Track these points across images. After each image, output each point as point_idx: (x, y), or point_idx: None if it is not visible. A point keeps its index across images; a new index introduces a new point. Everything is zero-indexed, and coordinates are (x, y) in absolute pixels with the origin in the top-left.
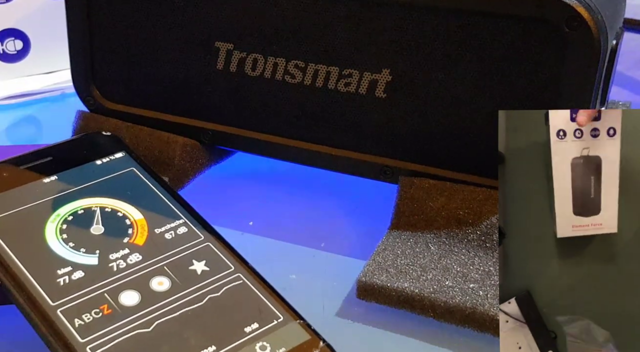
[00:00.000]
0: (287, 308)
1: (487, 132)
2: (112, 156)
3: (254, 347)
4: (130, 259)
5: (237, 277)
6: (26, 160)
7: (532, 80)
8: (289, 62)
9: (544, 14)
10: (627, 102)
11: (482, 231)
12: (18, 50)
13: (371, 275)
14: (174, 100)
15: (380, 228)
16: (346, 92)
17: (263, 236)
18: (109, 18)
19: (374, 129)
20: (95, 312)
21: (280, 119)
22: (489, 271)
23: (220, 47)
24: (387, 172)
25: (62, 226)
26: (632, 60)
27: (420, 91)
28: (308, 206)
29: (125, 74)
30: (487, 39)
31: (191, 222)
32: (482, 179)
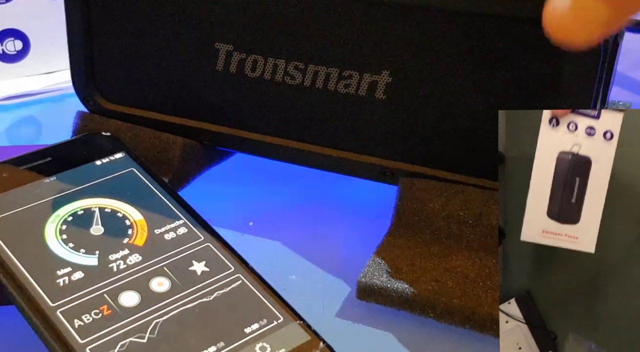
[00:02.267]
0: (287, 309)
1: (487, 133)
2: (112, 156)
3: (254, 347)
4: (130, 260)
5: (237, 277)
6: (26, 161)
7: (532, 81)
8: (289, 63)
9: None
10: (627, 102)
11: (482, 231)
12: (18, 50)
13: (371, 275)
14: (174, 101)
15: (380, 228)
16: (346, 94)
17: (263, 236)
18: (108, 18)
19: (374, 131)
20: (95, 313)
21: (280, 120)
22: (489, 271)
23: (220, 48)
24: (387, 173)
25: (62, 227)
26: (632, 60)
27: (420, 92)
28: (308, 206)
29: (125, 75)
30: (487, 40)
31: (191, 222)
32: (482, 180)
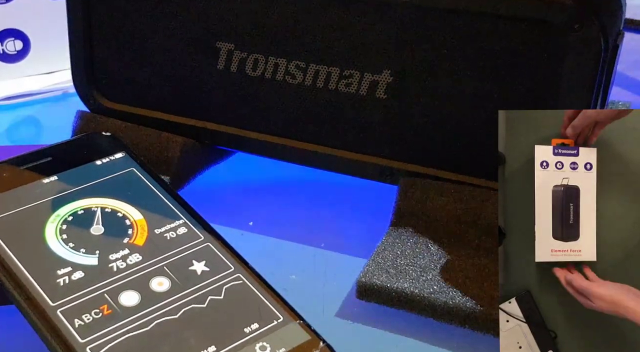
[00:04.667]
0: (287, 308)
1: (487, 133)
2: (112, 156)
3: (253, 347)
4: (130, 260)
5: (237, 277)
6: (26, 161)
7: (532, 81)
8: (290, 62)
9: (544, 14)
10: (627, 102)
11: (482, 231)
12: (18, 50)
13: (371, 275)
14: (175, 100)
15: (380, 228)
16: (347, 93)
17: (263, 236)
18: (109, 18)
19: (375, 130)
20: (95, 313)
21: (280, 120)
22: (489, 271)
23: (221, 47)
24: (388, 173)
25: (62, 226)
26: (632, 60)
27: (420, 92)
28: (308, 206)
29: (126, 74)
30: (488, 39)
31: (191, 222)
32: (482, 180)
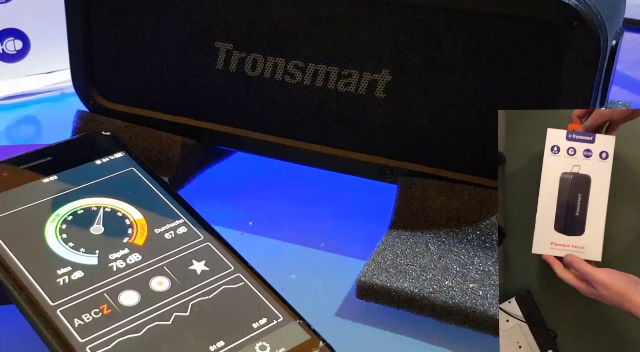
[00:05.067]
0: (287, 308)
1: (487, 133)
2: (112, 156)
3: (254, 347)
4: (130, 259)
5: (237, 277)
6: (26, 160)
7: (532, 80)
8: (289, 62)
9: (544, 14)
10: (627, 102)
11: (482, 231)
12: (18, 50)
13: (371, 275)
14: (174, 100)
15: (380, 228)
16: (346, 93)
17: (263, 236)
18: (108, 18)
19: (374, 130)
20: (95, 313)
21: (280, 119)
22: (489, 271)
23: (220, 48)
24: (387, 172)
25: (62, 226)
26: (632, 60)
27: (420, 91)
28: (308, 206)
29: (125, 74)
30: (487, 39)
31: (191, 222)
32: (482, 179)
